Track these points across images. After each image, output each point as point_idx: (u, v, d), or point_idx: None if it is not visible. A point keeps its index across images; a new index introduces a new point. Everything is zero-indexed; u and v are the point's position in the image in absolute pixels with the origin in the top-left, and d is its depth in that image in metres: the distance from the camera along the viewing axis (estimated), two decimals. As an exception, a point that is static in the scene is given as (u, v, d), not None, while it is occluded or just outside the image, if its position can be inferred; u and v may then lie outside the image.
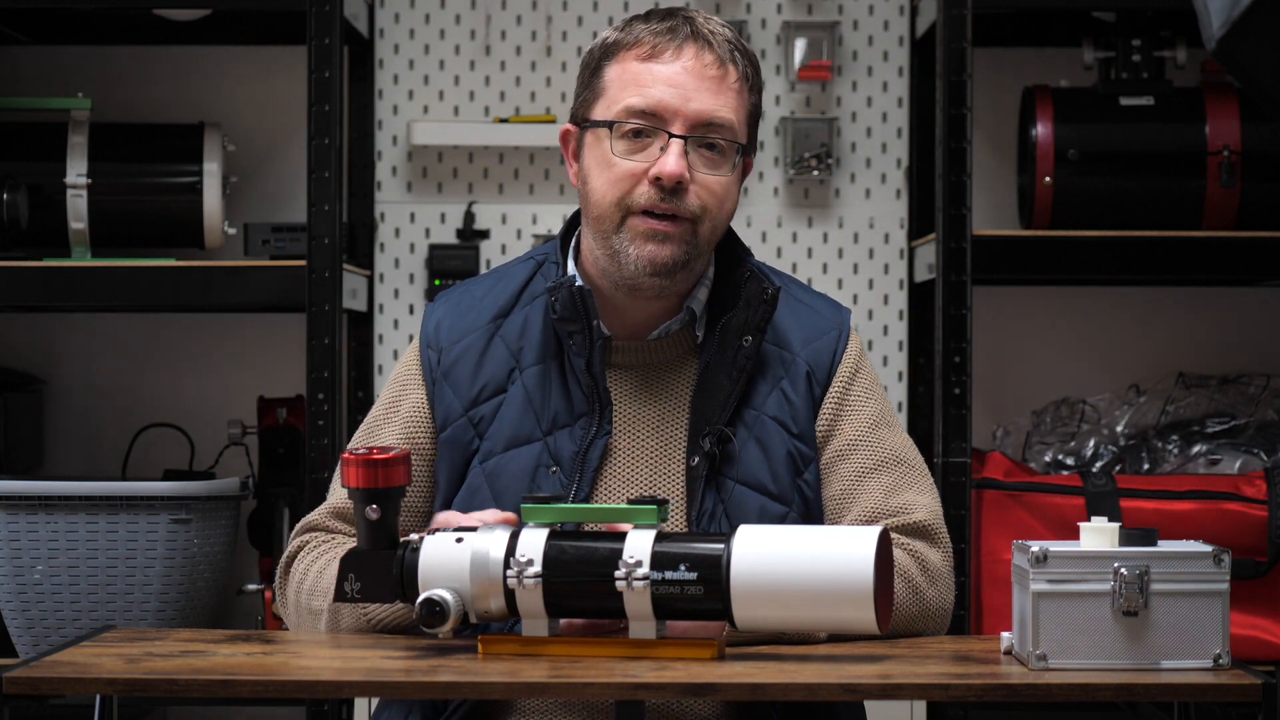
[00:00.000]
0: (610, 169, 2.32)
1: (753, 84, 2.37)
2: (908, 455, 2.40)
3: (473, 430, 2.36)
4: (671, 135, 2.30)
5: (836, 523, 2.35)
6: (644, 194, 2.30)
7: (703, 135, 2.31)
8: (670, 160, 2.29)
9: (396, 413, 2.40)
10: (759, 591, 2.03)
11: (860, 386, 2.41)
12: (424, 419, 2.39)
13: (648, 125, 2.31)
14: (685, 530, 2.31)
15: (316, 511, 2.41)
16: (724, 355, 2.34)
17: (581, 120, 2.38)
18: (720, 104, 2.32)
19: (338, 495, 2.39)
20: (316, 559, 2.33)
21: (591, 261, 2.38)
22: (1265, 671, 2.02)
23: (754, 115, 2.38)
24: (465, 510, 2.33)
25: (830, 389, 2.39)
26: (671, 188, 2.29)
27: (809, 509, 2.35)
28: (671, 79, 2.31)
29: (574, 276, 2.36)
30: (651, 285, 2.33)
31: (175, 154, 3.64)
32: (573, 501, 2.30)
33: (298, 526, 2.41)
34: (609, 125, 2.32)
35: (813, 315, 2.43)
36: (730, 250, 2.41)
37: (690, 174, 2.30)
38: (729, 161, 2.33)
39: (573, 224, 2.45)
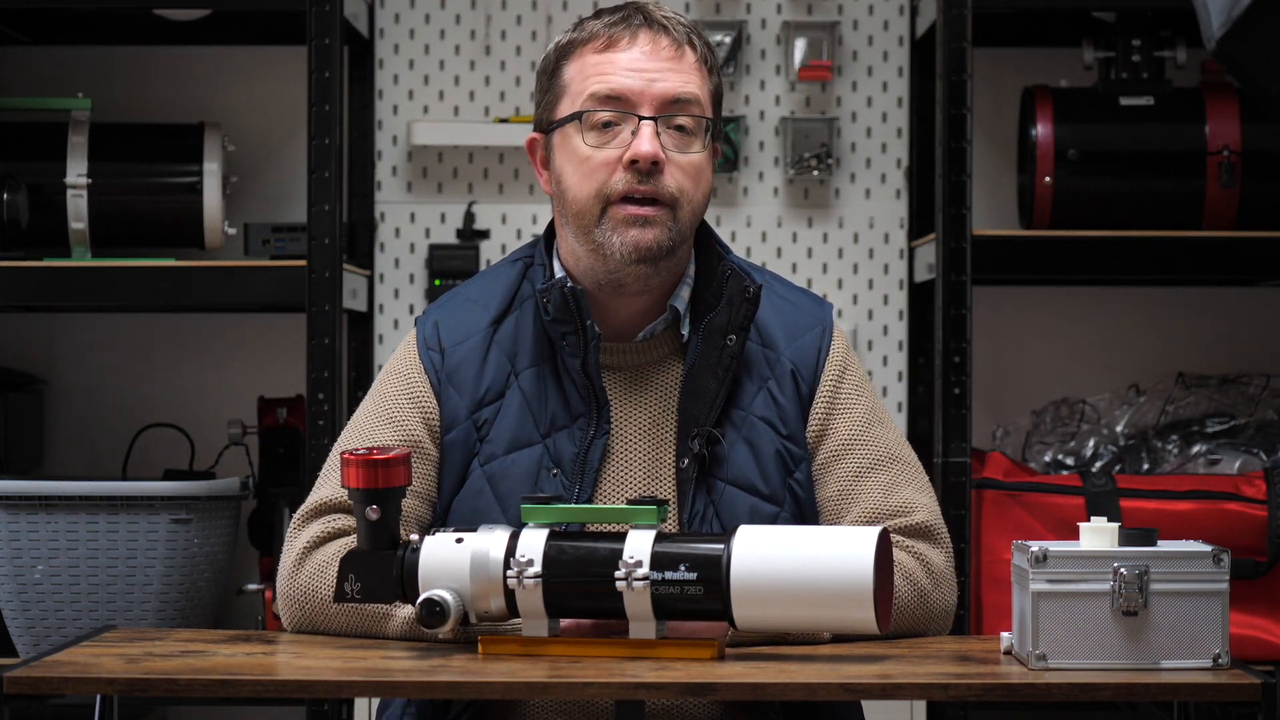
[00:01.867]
0: (584, 162, 2.33)
1: (711, 66, 2.39)
2: (902, 452, 2.40)
3: (475, 433, 2.36)
4: (641, 118, 2.31)
5: (836, 523, 2.35)
6: (621, 180, 2.31)
7: (672, 114, 2.32)
8: (644, 141, 2.30)
9: (403, 410, 2.38)
10: (759, 592, 2.03)
11: (850, 384, 2.40)
12: (434, 419, 2.38)
13: (616, 111, 2.32)
14: (678, 532, 2.31)
15: (317, 500, 2.37)
16: (709, 355, 2.34)
17: (547, 124, 2.38)
18: (684, 81, 2.33)
19: (328, 489, 2.37)
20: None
21: (574, 262, 2.38)
22: (1265, 671, 2.02)
23: (717, 96, 2.39)
24: (469, 510, 2.33)
25: (819, 388, 2.39)
26: (648, 169, 2.30)
27: (801, 509, 2.35)
28: (632, 64, 2.33)
29: (565, 278, 2.35)
30: (637, 274, 2.33)
31: (175, 154, 3.64)
32: (574, 503, 2.30)
33: (305, 514, 2.36)
34: (578, 117, 2.33)
35: (795, 311, 2.43)
36: (709, 248, 2.41)
37: (664, 154, 2.31)
38: (699, 139, 2.34)
39: (552, 230, 2.45)
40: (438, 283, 3.79)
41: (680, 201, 2.32)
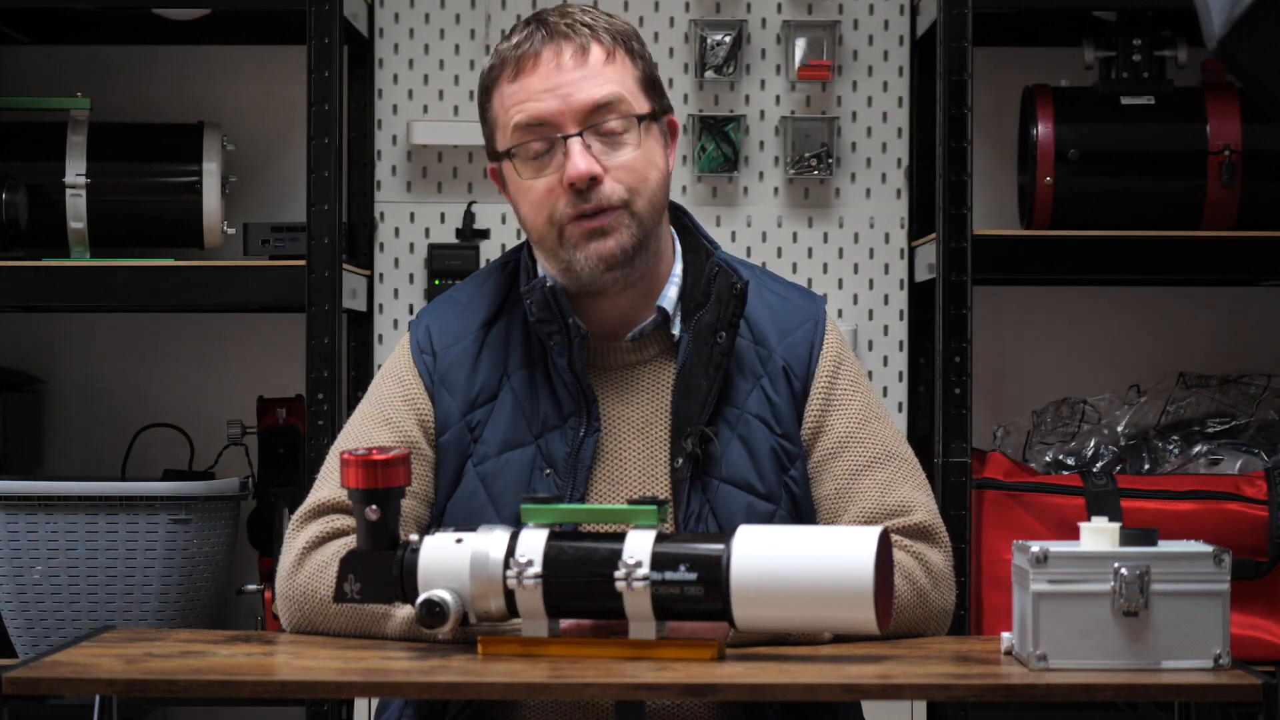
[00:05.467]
0: (529, 193, 2.33)
1: (629, 49, 2.36)
2: (899, 449, 2.40)
3: (469, 434, 2.36)
4: (566, 137, 2.30)
5: (834, 522, 2.34)
6: (566, 203, 2.31)
7: (597, 122, 2.31)
8: (575, 161, 2.30)
9: (399, 411, 2.39)
10: (759, 592, 2.03)
11: (845, 379, 2.40)
12: (430, 422, 2.38)
13: (541, 138, 2.31)
14: (674, 531, 2.30)
15: (316, 501, 2.37)
16: (699, 354, 2.34)
17: (493, 155, 2.40)
18: (597, 85, 2.32)
19: (328, 490, 2.37)
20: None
21: (549, 270, 2.39)
22: (1265, 671, 2.02)
23: (647, 78, 2.37)
24: (463, 512, 2.33)
25: (814, 385, 2.38)
26: (586, 186, 2.29)
27: (797, 506, 2.35)
28: (544, 84, 2.32)
29: (545, 277, 2.36)
30: (612, 280, 2.33)
31: (175, 154, 3.63)
32: (568, 503, 2.30)
33: (304, 514, 2.36)
34: (509, 154, 2.34)
35: (786, 307, 2.42)
36: (696, 245, 2.41)
37: (600, 163, 2.30)
38: (633, 134, 2.33)
39: None
40: (437, 283, 3.79)
41: (631, 200, 2.32)
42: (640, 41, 2.39)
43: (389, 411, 2.39)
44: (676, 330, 2.38)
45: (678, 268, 2.40)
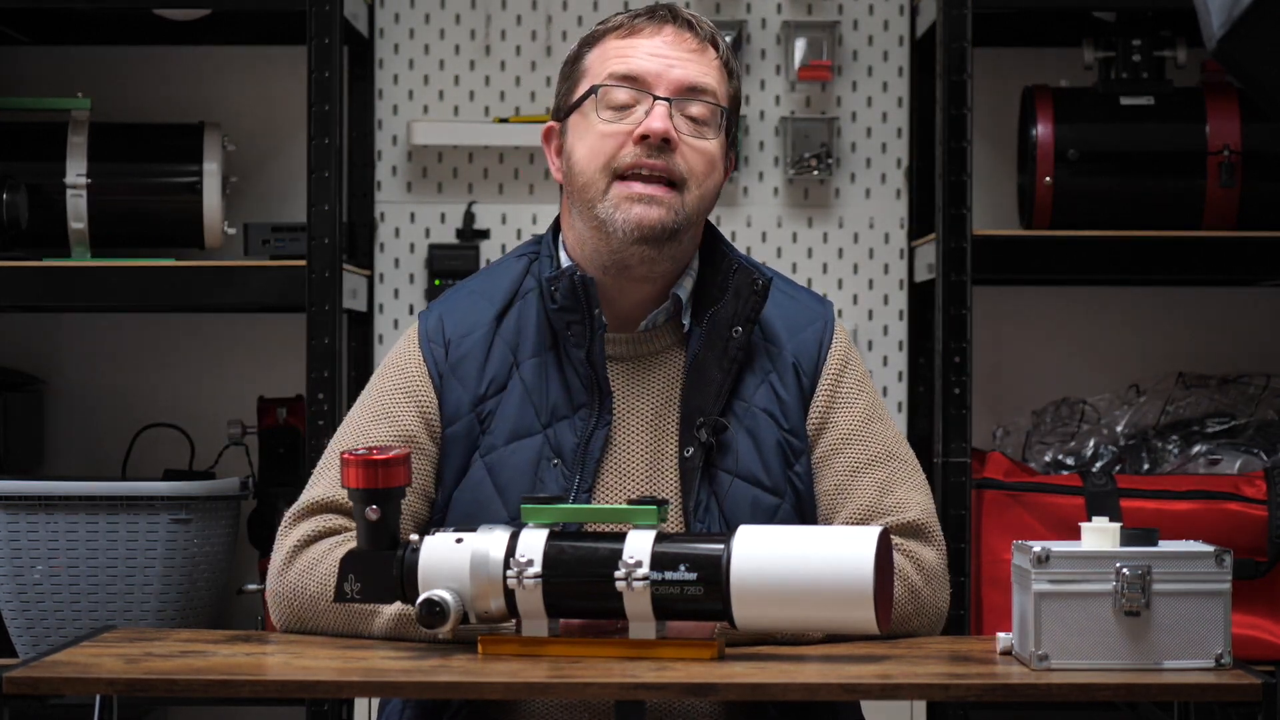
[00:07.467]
0: (595, 136, 2.34)
1: (731, 70, 2.41)
2: (899, 450, 2.40)
3: (478, 426, 2.36)
4: (656, 98, 2.32)
5: (829, 519, 2.35)
6: (630, 153, 2.32)
7: (687, 99, 2.33)
8: (656, 118, 2.31)
9: (399, 405, 2.38)
10: (759, 592, 2.03)
11: (851, 379, 2.41)
12: (433, 414, 2.37)
13: (632, 89, 2.33)
14: (680, 523, 2.31)
15: (310, 499, 2.36)
16: (713, 346, 2.34)
17: (565, 109, 2.40)
18: (702, 71, 2.36)
19: (322, 488, 2.37)
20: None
21: (579, 248, 2.38)
22: (1265, 671, 2.02)
23: (735, 100, 2.41)
24: (469, 502, 2.33)
25: (820, 382, 2.39)
26: (659, 145, 2.30)
27: (801, 501, 2.35)
28: (652, 49, 2.36)
29: (573, 266, 2.36)
30: (640, 256, 2.33)
31: (175, 154, 3.63)
32: (575, 493, 2.31)
33: (296, 512, 2.35)
34: (594, 92, 2.34)
35: (796, 306, 2.44)
36: (713, 244, 2.42)
37: (677, 135, 2.32)
38: (713, 128, 2.35)
39: (558, 224, 2.46)
40: (438, 283, 3.79)
41: (689, 184, 2.33)
42: (738, 70, 2.44)
43: (389, 405, 2.38)
44: (687, 322, 2.38)
45: (695, 262, 2.41)
